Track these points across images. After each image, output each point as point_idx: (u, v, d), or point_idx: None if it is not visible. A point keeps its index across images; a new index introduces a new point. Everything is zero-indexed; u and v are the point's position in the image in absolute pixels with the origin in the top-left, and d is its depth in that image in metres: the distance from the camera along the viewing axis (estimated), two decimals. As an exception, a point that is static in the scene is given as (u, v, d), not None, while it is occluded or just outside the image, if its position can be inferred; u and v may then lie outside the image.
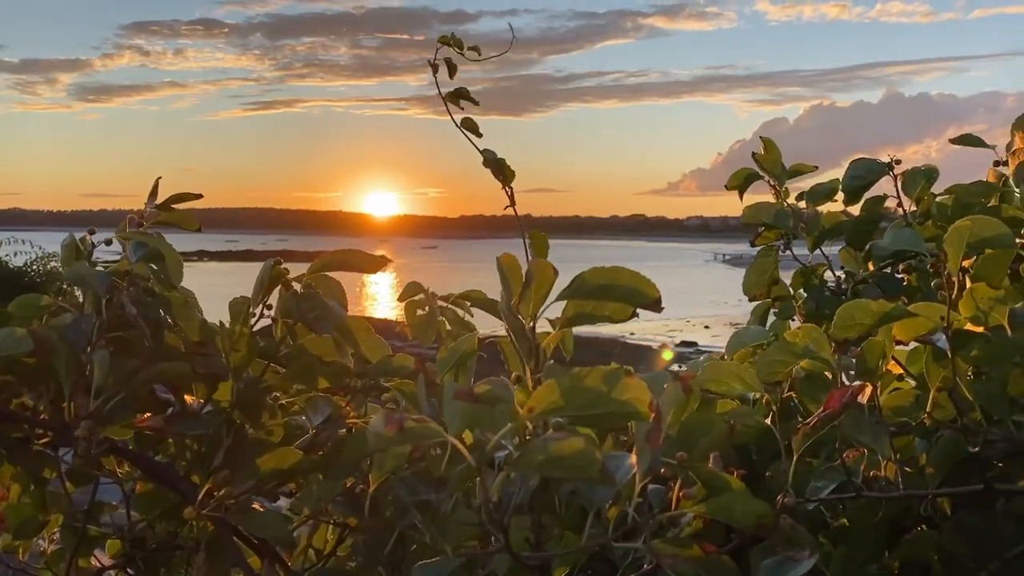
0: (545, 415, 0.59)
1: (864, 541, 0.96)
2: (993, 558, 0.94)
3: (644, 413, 0.59)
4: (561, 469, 0.56)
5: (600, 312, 0.73)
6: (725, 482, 0.71)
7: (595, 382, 0.59)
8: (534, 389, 0.68)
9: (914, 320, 0.87)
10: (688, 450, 0.74)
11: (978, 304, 0.85)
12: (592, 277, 0.70)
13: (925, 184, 1.33)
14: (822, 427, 0.76)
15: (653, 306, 0.69)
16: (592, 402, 0.58)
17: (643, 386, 0.59)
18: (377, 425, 0.61)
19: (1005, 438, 0.96)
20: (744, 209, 1.57)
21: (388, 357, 1.02)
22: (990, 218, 0.88)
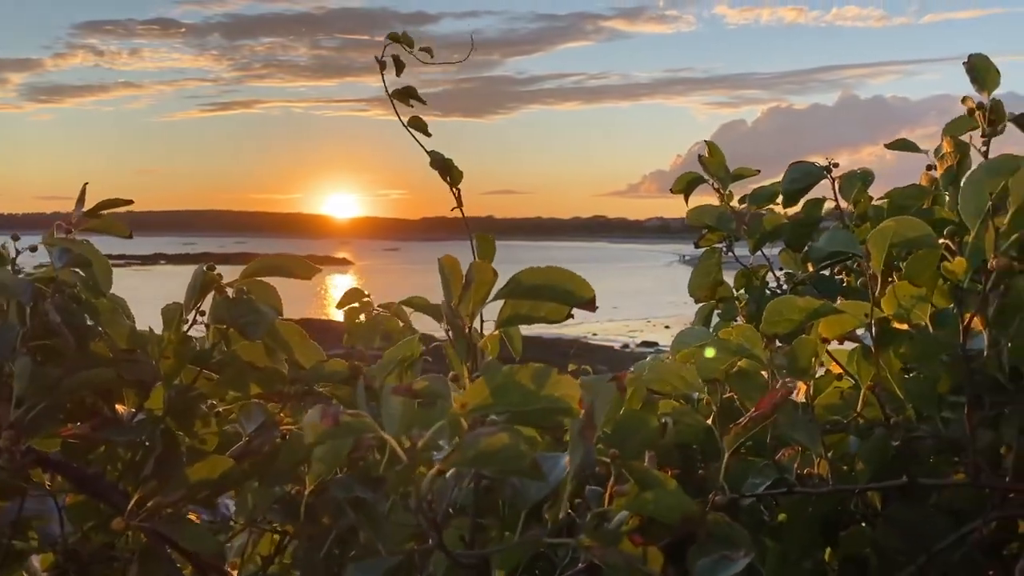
0: (476, 412, 0.59)
1: (799, 537, 0.97)
2: (922, 552, 0.95)
3: (574, 410, 0.59)
4: (491, 464, 0.56)
5: (536, 313, 0.73)
6: (657, 480, 0.71)
7: (526, 379, 0.58)
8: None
9: (840, 317, 0.88)
10: (622, 448, 0.74)
11: (901, 302, 0.87)
12: (527, 278, 0.70)
13: (861, 187, 1.35)
14: (754, 427, 0.77)
15: (587, 306, 0.69)
16: (523, 399, 0.58)
17: (573, 383, 0.59)
18: (313, 418, 0.60)
19: (933, 434, 0.98)
20: (688, 212, 1.59)
21: (321, 362, 1.00)
22: (913, 219, 0.90)
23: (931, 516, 0.97)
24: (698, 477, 1.08)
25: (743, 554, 0.83)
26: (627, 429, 0.74)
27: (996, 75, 1.10)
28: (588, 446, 0.62)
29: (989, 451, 1.00)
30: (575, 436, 0.63)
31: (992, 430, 0.98)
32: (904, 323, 0.88)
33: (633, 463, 0.72)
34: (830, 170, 1.37)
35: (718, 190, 1.60)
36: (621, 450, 0.74)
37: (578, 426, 0.63)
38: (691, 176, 1.63)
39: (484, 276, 0.73)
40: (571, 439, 0.63)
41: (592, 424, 0.63)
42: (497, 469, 0.57)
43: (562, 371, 0.61)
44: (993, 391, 0.97)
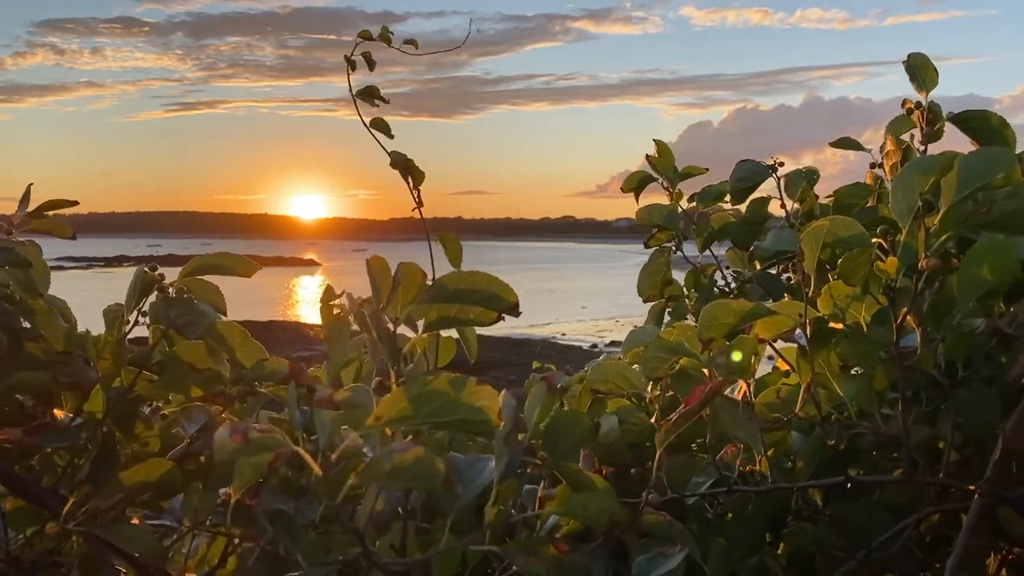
0: (392, 423, 0.58)
1: (741, 535, 0.98)
2: (862, 547, 0.96)
3: (493, 420, 0.58)
4: (404, 480, 0.55)
5: (465, 316, 0.72)
6: (589, 481, 0.71)
7: (444, 389, 0.58)
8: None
9: (775, 318, 0.89)
10: (554, 448, 0.74)
11: (836, 301, 0.88)
12: (451, 282, 0.70)
13: (806, 186, 1.36)
14: (684, 423, 0.77)
15: (511, 311, 0.68)
16: (441, 409, 0.58)
17: (492, 393, 0.59)
18: (222, 436, 0.59)
19: (873, 431, 0.99)
20: (637, 211, 1.59)
21: (261, 362, 0.99)
22: (847, 218, 0.91)
23: (870, 512, 0.99)
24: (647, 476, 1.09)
25: (679, 550, 0.84)
26: (559, 430, 0.74)
27: (935, 75, 1.12)
28: (513, 451, 0.62)
29: (926, 447, 1.01)
30: (500, 442, 0.63)
31: (929, 426, 1.00)
32: (839, 322, 0.89)
33: (565, 465, 0.72)
34: (775, 169, 1.38)
35: (667, 189, 1.61)
36: (553, 451, 0.74)
37: (503, 432, 0.62)
38: (641, 175, 1.64)
39: (413, 278, 0.72)
40: (496, 445, 0.63)
41: (516, 430, 0.62)
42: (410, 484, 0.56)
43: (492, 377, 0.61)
44: (929, 387, 0.98)
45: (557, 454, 0.74)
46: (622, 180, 1.70)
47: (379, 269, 0.77)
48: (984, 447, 0.93)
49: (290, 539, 0.63)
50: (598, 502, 0.67)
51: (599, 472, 0.83)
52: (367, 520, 0.64)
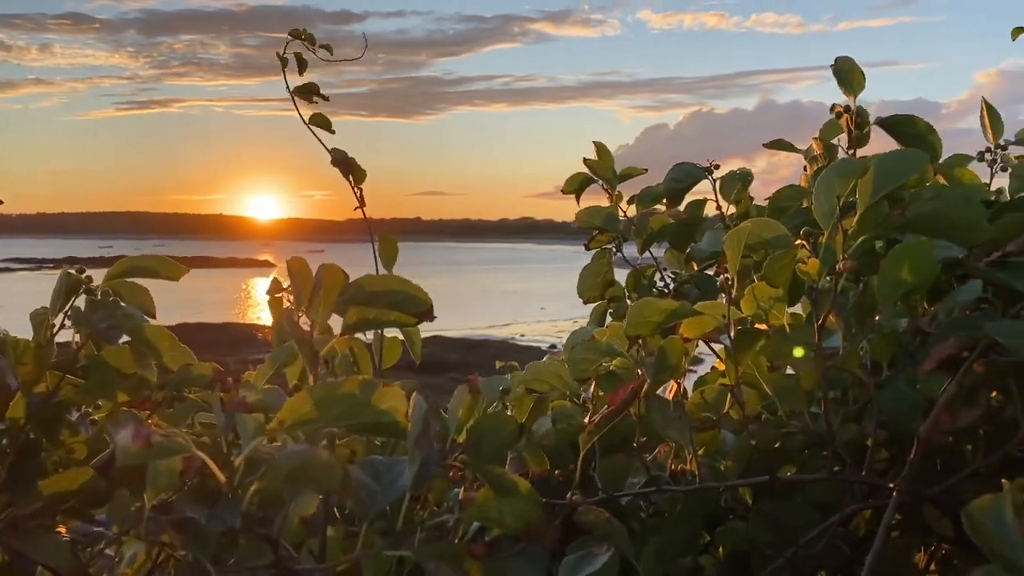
0: (297, 427, 0.58)
1: (673, 534, 0.98)
2: (790, 545, 0.97)
3: (402, 423, 0.58)
4: (304, 483, 0.54)
5: (385, 318, 0.71)
6: (512, 484, 0.71)
7: (350, 391, 0.57)
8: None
9: (700, 318, 0.89)
10: (477, 451, 0.74)
11: (759, 302, 0.89)
12: (367, 284, 0.69)
13: (741, 187, 1.38)
14: (607, 424, 0.77)
15: (426, 315, 0.68)
16: (347, 412, 0.57)
17: (400, 394, 0.58)
18: (125, 439, 0.57)
19: (802, 430, 1.01)
20: (576, 213, 1.60)
21: (187, 367, 0.97)
22: (770, 220, 0.92)
23: (797, 510, 1.00)
24: (587, 477, 1.09)
25: (605, 549, 0.84)
26: (482, 432, 0.74)
27: (861, 78, 1.14)
28: (425, 454, 0.61)
29: (855, 445, 1.03)
30: (412, 445, 0.62)
31: (856, 424, 1.01)
32: (763, 323, 0.90)
33: (487, 467, 0.72)
34: (711, 171, 1.39)
35: (607, 191, 1.62)
36: (476, 453, 0.73)
37: (414, 434, 0.62)
38: (581, 177, 1.65)
39: (335, 280, 0.71)
40: (409, 448, 0.62)
41: (428, 432, 0.62)
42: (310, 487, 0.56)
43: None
44: (856, 387, 1.00)
45: (480, 456, 0.73)
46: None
47: (300, 271, 0.76)
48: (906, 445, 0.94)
49: (198, 547, 0.62)
50: (514, 506, 0.66)
51: (527, 475, 0.83)
52: (281, 525, 0.63)
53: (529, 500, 0.69)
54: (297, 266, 0.76)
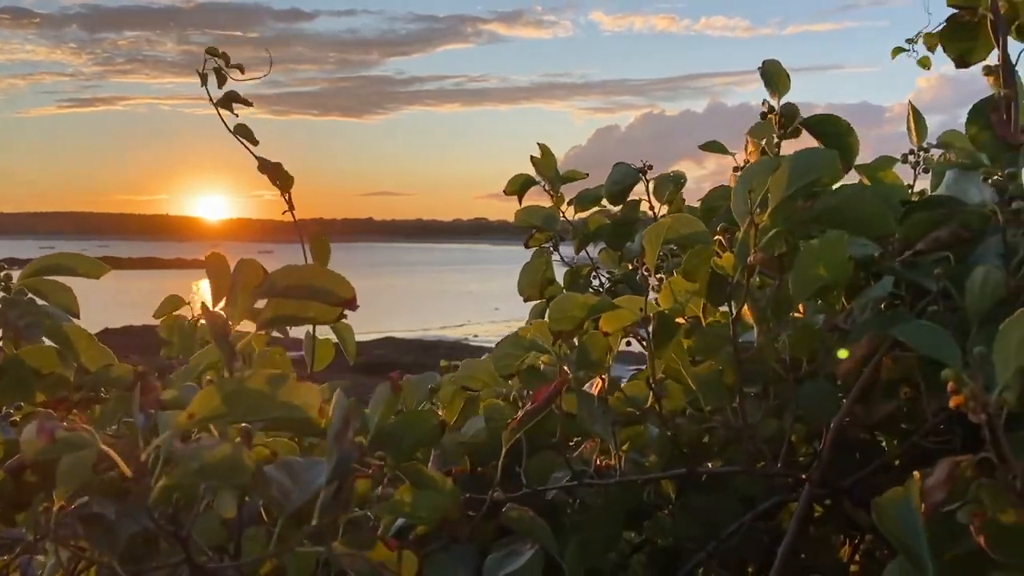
0: (205, 422, 0.57)
1: (597, 529, 0.99)
2: (712, 538, 0.99)
3: (314, 418, 0.58)
4: (214, 477, 0.54)
5: (304, 313, 0.71)
6: (430, 480, 0.71)
7: (261, 386, 0.57)
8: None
9: (618, 312, 0.91)
10: (397, 448, 0.74)
11: (676, 297, 0.91)
12: (283, 277, 0.68)
13: (674, 189, 1.40)
14: (528, 422, 0.78)
15: (348, 304, 0.68)
16: (257, 407, 0.57)
17: (313, 389, 0.58)
18: (29, 434, 0.56)
19: (723, 424, 1.03)
20: (515, 213, 1.61)
21: (107, 367, 0.96)
22: (689, 216, 0.94)
23: (719, 503, 1.02)
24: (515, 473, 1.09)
25: (528, 547, 0.85)
26: (402, 430, 0.74)
27: (787, 80, 1.16)
28: (343, 450, 0.61)
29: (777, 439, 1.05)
30: (330, 442, 0.62)
31: (777, 419, 1.03)
32: (681, 317, 0.92)
33: (407, 464, 0.72)
34: (644, 172, 1.41)
35: (549, 192, 1.63)
36: (396, 450, 0.73)
37: (333, 430, 0.62)
38: (523, 178, 1.66)
39: (253, 275, 0.71)
40: (328, 444, 0.62)
41: (346, 428, 0.62)
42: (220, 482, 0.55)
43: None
44: (777, 382, 1.02)
45: (400, 453, 0.73)
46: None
47: (217, 267, 0.75)
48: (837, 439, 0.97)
49: (106, 545, 0.61)
50: (427, 501, 0.67)
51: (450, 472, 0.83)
52: (191, 523, 0.62)
53: (447, 496, 0.70)
54: (215, 261, 0.76)
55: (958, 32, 1.09)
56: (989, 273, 0.73)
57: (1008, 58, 1.00)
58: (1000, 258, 0.81)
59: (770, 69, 1.15)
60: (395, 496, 0.68)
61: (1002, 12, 1.05)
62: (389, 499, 0.67)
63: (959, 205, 0.85)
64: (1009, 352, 0.62)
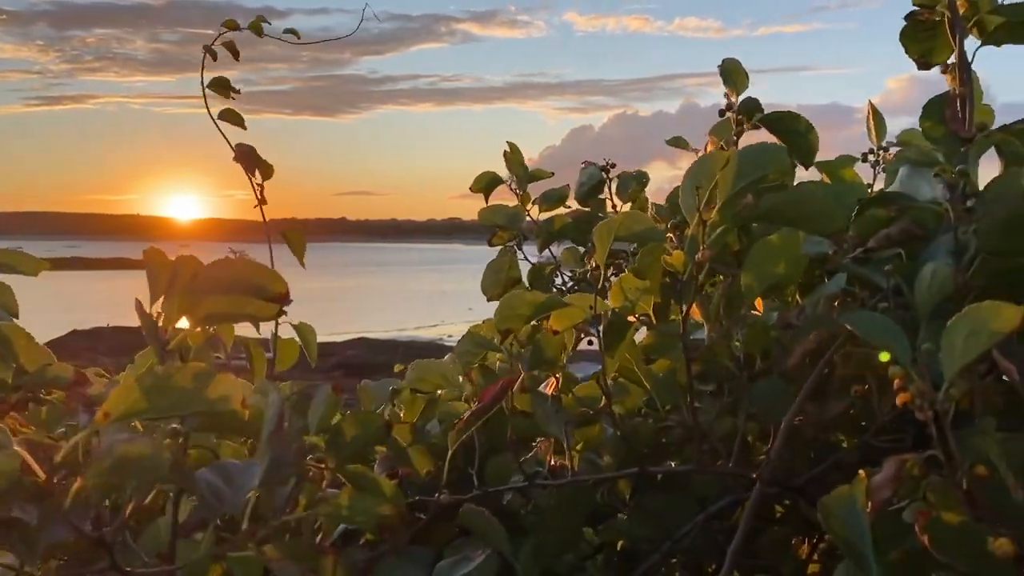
0: (124, 418, 0.55)
1: (552, 531, 0.98)
2: (666, 539, 0.98)
3: (238, 412, 0.56)
4: (130, 475, 0.52)
5: (241, 310, 0.69)
6: (373, 483, 0.69)
7: (183, 381, 0.55)
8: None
9: (568, 310, 0.89)
10: (339, 450, 0.72)
11: (627, 295, 0.89)
12: (215, 273, 0.66)
13: (637, 187, 1.39)
14: (476, 421, 0.76)
15: (281, 299, 0.66)
16: (179, 403, 0.55)
17: (236, 384, 0.56)
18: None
19: (678, 423, 1.02)
20: (480, 211, 1.60)
21: (45, 367, 0.93)
22: (640, 213, 0.93)
23: (675, 503, 1.00)
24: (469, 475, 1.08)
25: (481, 552, 0.83)
26: (345, 431, 0.72)
27: (744, 78, 1.16)
28: (276, 452, 0.60)
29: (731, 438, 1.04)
30: (264, 441, 0.60)
31: (732, 417, 1.02)
32: (631, 315, 0.91)
33: (348, 467, 0.70)
34: (608, 171, 1.41)
35: (515, 191, 1.62)
36: (338, 452, 0.71)
37: (267, 431, 0.60)
38: (489, 177, 1.65)
39: (189, 270, 0.69)
40: (261, 444, 0.61)
41: (280, 429, 0.60)
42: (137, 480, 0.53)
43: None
44: (731, 380, 1.01)
45: (343, 455, 0.71)
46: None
47: (156, 262, 0.73)
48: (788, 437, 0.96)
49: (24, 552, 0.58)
50: (364, 504, 0.65)
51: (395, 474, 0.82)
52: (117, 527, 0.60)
53: (390, 499, 0.68)
54: (153, 256, 0.73)
55: (918, 32, 1.08)
56: (937, 270, 0.73)
57: (964, 56, 1.00)
58: (951, 255, 0.81)
59: (728, 67, 1.15)
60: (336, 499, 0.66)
61: (960, 11, 1.04)
62: (327, 502, 0.65)
63: (910, 202, 0.84)
64: (955, 349, 0.61)
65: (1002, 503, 0.60)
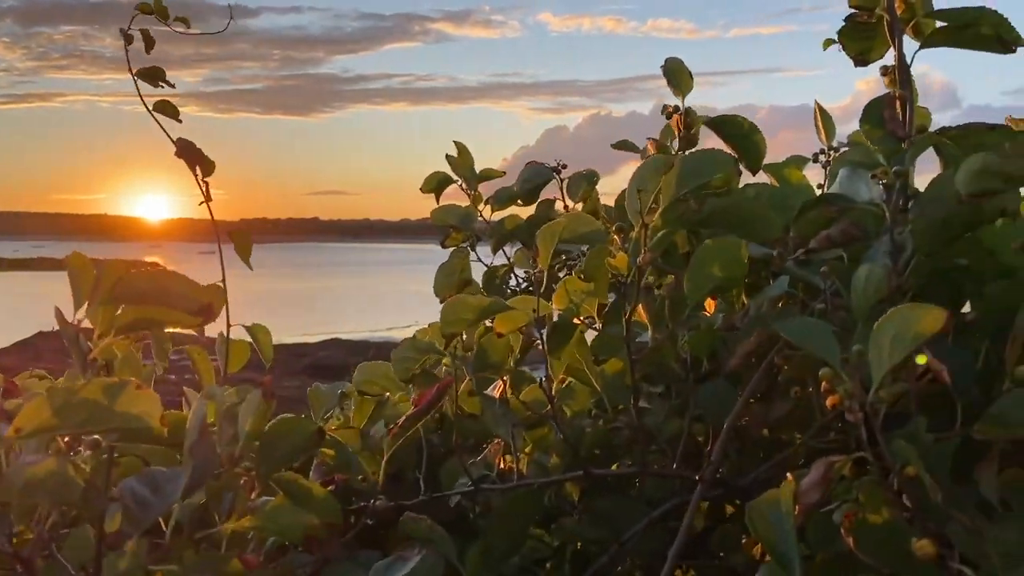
0: (38, 435, 0.54)
1: (498, 534, 0.97)
2: (613, 541, 0.98)
3: (155, 427, 0.55)
4: (40, 494, 0.51)
5: (166, 318, 0.68)
6: (305, 491, 0.68)
7: (96, 396, 0.54)
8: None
9: (511, 314, 0.89)
10: (270, 457, 0.71)
11: (571, 297, 0.89)
12: (140, 282, 0.65)
13: (587, 187, 1.39)
14: (412, 425, 0.75)
15: (204, 311, 0.64)
16: (92, 418, 0.53)
17: (153, 398, 0.55)
18: None
19: (626, 425, 1.01)
20: (432, 212, 1.59)
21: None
22: (585, 215, 0.92)
23: (624, 505, 1.00)
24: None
25: (416, 553, 0.83)
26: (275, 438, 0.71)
27: (689, 80, 1.15)
28: (199, 461, 0.58)
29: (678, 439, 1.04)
30: (187, 452, 0.59)
31: (680, 418, 1.02)
32: (576, 318, 0.90)
33: (279, 475, 0.69)
34: (558, 171, 1.40)
35: (465, 191, 1.61)
36: (270, 458, 0.70)
37: (189, 441, 0.59)
38: (439, 176, 1.64)
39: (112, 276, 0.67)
40: (184, 454, 0.59)
41: (204, 438, 0.59)
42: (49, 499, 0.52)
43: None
44: (679, 382, 1.01)
45: (273, 463, 0.70)
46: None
47: (79, 268, 0.71)
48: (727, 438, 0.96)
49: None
50: (289, 515, 0.64)
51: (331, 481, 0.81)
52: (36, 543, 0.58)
53: (320, 507, 0.67)
54: (77, 263, 0.72)
55: (857, 31, 1.09)
56: (871, 272, 0.73)
57: (903, 57, 1.01)
58: (889, 256, 0.81)
59: (672, 67, 1.15)
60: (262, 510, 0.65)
61: (899, 12, 1.05)
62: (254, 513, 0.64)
63: (850, 203, 0.84)
64: (883, 351, 0.62)
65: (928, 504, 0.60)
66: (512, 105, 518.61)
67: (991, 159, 0.66)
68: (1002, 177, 0.67)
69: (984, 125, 0.93)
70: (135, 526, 0.61)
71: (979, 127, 0.92)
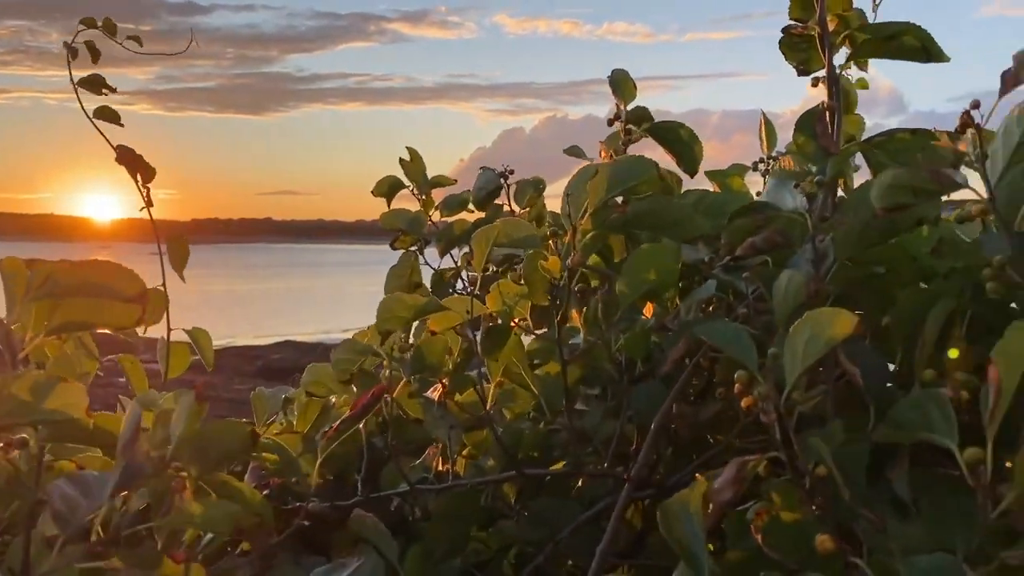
0: (-41, 431, 0.54)
1: (437, 536, 0.99)
2: (549, 540, 1.00)
3: (81, 420, 0.55)
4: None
5: (98, 316, 0.68)
6: (236, 491, 0.69)
7: (21, 390, 0.54)
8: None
9: (446, 314, 0.91)
10: (203, 458, 0.72)
11: (504, 299, 0.91)
12: (64, 275, 0.65)
13: (534, 194, 1.41)
14: (348, 429, 0.76)
15: (136, 300, 0.65)
16: (16, 411, 0.54)
17: (79, 391, 0.55)
18: None
19: (563, 426, 1.03)
20: (381, 215, 1.60)
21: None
22: (520, 220, 0.94)
23: (561, 506, 1.02)
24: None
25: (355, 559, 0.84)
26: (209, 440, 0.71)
27: (632, 88, 1.19)
28: (130, 461, 0.59)
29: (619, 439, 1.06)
30: (119, 452, 0.59)
31: (616, 419, 1.05)
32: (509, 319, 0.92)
33: (212, 475, 0.70)
34: (506, 176, 1.42)
35: (416, 196, 1.63)
36: (203, 460, 0.71)
37: (122, 440, 0.59)
38: (391, 180, 1.65)
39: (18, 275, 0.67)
40: (117, 454, 0.60)
41: (135, 438, 0.59)
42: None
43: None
44: (613, 383, 1.04)
45: (205, 465, 0.71)
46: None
47: (11, 271, 0.71)
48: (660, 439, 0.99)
49: None
50: (217, 509, 0.65)
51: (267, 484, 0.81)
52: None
53: (251, 506, 0.68)
54: (9, 266, 0.72)
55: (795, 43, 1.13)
56: (792, 277, 0.76)
57: (833, 70, 1.04)
58: (812, 263, 0.84)
59: (617, 78, 1.18)
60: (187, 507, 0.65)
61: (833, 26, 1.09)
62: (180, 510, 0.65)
63: (775, 211, 0.87)
64: (796, 354, 0.64)
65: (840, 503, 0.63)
66: (468, 106, 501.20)
67: (901, 174, 0.69)
68: (912, 191, 0.70)
69: (906, 130, 0.97)
70: (64, 527, 0.61)
71: (901, 132, 0.96)
